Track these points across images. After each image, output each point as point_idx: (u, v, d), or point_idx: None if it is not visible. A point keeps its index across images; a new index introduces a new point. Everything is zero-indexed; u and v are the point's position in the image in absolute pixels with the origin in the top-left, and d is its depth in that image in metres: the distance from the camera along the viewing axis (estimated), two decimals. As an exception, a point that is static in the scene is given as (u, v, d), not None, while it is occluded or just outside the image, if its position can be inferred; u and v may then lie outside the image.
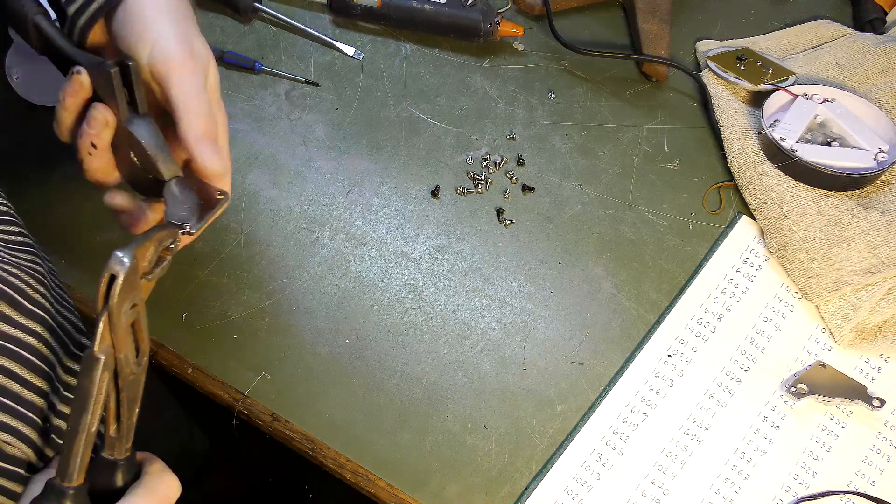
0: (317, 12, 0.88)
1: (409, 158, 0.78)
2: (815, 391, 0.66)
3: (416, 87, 0.83)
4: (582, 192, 0.77)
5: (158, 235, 0.43)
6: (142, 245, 0.42)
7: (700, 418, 0.66)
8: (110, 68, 0.46)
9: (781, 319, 0.71)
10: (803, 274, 0.71)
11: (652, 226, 0.75)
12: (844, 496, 0.63)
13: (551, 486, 0.62)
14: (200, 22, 0.85)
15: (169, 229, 0.45)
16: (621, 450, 0.64)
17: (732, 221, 0.76)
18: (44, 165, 0.76)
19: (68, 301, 0.55)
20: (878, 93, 0.80)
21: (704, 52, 0.85)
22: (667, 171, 0.79)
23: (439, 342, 0.68)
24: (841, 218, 0.72)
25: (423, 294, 0.70)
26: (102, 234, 0.72)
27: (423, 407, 0.65)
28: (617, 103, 0.83)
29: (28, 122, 0.79)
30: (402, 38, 0.87)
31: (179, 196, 0.48)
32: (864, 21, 0.89)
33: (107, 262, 0.40)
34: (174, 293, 0.69)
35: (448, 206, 0.75)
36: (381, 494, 0.62)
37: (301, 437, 0.64)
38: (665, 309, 0.70)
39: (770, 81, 0.80)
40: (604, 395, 0.66)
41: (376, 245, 0.73)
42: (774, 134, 0.75)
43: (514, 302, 0.70)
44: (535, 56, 0.86)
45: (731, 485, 0.63)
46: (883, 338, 0.69)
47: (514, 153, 0.79)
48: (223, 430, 0.67)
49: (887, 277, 0.69)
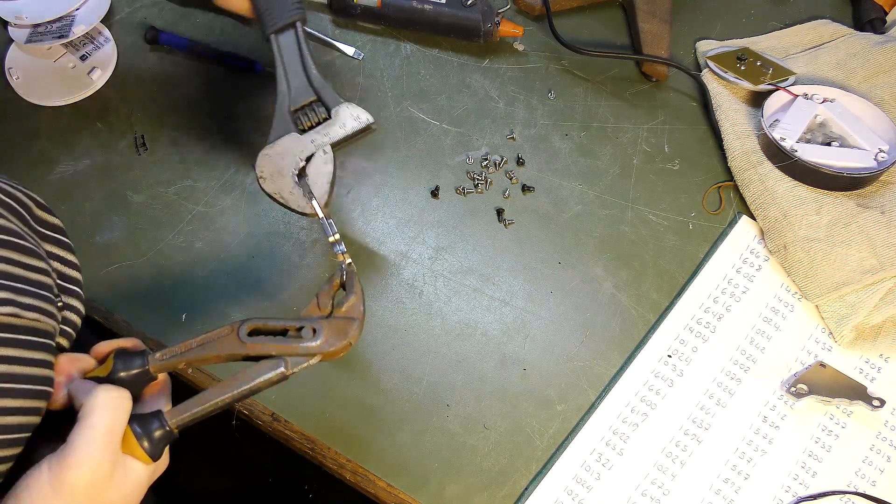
0: (317, 12, 0.88)
1: (409, 158, 0.78)
2: (815, 391, 0.66)
3: (416, 87, 0.83)
4: (582, 192, 0.77)
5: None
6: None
7: (700, 418, 0.66)
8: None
9: (781, 319, 0.71)
10: (803, 274, 0.71)
11: (652, 226, 0.75)
12: (844, 496, 0.63)
13: (551, 486, 0.62)
14: (201, 22, 0.86)
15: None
16: (621, 450, 0.64)
17: (732, 221, 0.76)
18: (44, 165, 0.76)
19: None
20: (878, 93, 0.80)
21: (704, 52, 0.85)
22: (667, 171, 0.79)
23: (439, 342, 0.68)
24: (841, 218, 0.72)
25: (423, 294, 0.70)
26: (102, 234, 0.72)
27: (423, 407, 0.65)
28: (617, 103, 0.83)
29: (28, 122, 0.79)
30: (402, 38, 0.87)
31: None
32: (864, 21, 0.89)
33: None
34: (174, 293, 0.69)
35: (448, 206, 0.75)
36: (381, 494, 0.62)
37: (301, 437, 0.64)
38: (665, 309, 0.70)
39: (770, 81, 0.80)
40: (604, 395, 0.66)
41: (376, 245, 0.73)
42: (774, 134, 0.75)
43: (514, 302, 0.70)
44: (535, 56, 0.86)
45: (731, 485, 0.63)
46: (883, 338, 0.69)
47: (514, 153, 0.79)
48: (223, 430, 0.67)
49: (887, 277, 0.69)
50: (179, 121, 0.79)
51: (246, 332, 0.49)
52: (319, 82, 0.65)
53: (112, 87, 0.81)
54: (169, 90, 0.81)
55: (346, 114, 0.63)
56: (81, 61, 0.82)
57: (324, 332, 0.49)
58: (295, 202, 0.63)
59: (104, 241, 0.72)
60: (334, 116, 0.63)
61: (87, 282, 0.69)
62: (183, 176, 0.76)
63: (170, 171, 0.76)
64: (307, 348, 0.49)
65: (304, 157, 0.63)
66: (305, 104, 0.64)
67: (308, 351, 0.48)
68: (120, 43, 0.84)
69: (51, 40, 0.77)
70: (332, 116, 0.63)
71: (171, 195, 0.75)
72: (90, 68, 0.81)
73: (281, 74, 0.65)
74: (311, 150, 0.63)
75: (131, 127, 0.79)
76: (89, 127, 0.79)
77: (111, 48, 0.83)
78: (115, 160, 0.77)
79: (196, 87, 0.82)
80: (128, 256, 0.71)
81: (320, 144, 0.63)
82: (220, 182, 0.76)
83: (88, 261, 0.71)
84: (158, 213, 0.74)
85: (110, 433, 0.44)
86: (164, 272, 0.71)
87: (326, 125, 0.63)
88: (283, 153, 0.63)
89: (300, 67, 0.65)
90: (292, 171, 0.62)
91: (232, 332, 0.49)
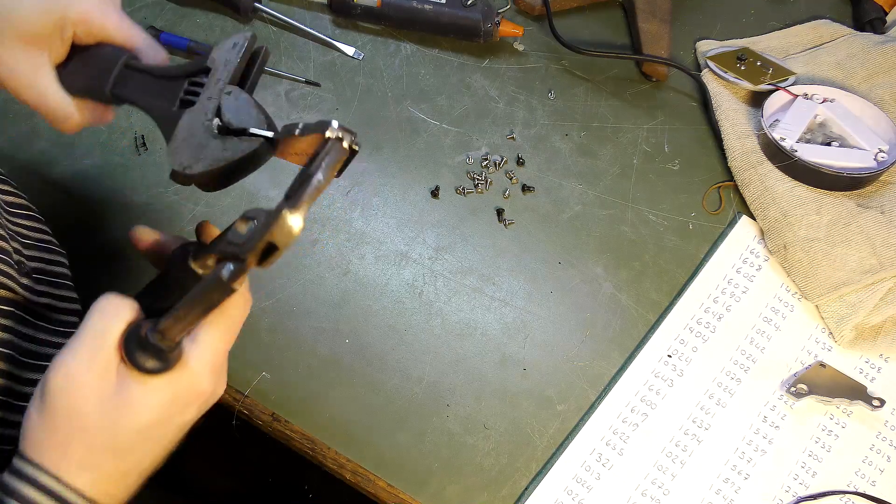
0: (317, 12, 0.88)
1: (409, 158, 0.78)
2: (815, 391, 0.66)
3: (416, 87, 0.83)
4: (582, 192, 0.77)
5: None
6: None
7: (700, 418, 0.66)
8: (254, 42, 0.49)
9: (781, 319, 0.71)
10: (803, 274, 0.71)
11: (652, 226, 0.75)
12: (844, 496, 0.63)
13: (551, 486, 0.62)
14: (201, 22, 0.86)
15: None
16: (621, 450, 0.64)
17: (732, 221, 0.76)
18: (44, 165, 0.76)
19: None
20: (878, 93, 0.80)
21: (704, 52, 0.85)
22: (667, 171, 0.79)
23: (439, 342, 0.68)
24: (841, 218, 0.72)
25: (423, 294, 0.70)
26: (103, 233, 0.72)
27: (423, 407, 0.65)
28: (617, 103, 0.83)
29: (28, 122, 0.79)
30: (402, 38, 0.87)
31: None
32: (864, 21, 0.89)
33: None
34: (174, 293, 0.69)
35: (448, 206, 0.75)
36: (381, 494, 0.62)
37: (301, 437, 0.64)
38: (665, 309, 0.70)
39: (770, 81, 0.80)
40: (604, 395, 0.66)
41: (376, 245, 0.73)
42: (774, 134, 0.75)
43: (514, 302, 0.70)
44: (535, 56, 0.86)
45: (731, 485, 0.63)
46: (883, 338, 0.69)
47: (514, 153, 0.79)
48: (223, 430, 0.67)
49: (887, 277, 0.69)
50: (179, 121, 0.79)
51: (192, 252, 0.44)
52: (184, 64, 0.52)
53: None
54: (169, 90, 0.81)
55: (220, 52, 0.51)
56: (81, 61, 0.81)
57: (250, 224, 0.40)
58: (235, 152, 0.49)
59: (104, 241, 0.72)
60: (212, 65, 0.51)
61: (88, 282, 0.70)
62: (183, 176, 0.76)
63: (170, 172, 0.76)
64: (236, 250, 0.39)
65: (213, 114, 0.49)
66: (185, 87, 0.52)
67: (238, 251, 0.39)
68: (120, 43, 0.84)
69: (50, 40, 0.76)
70: (210, 66, 0.51)
71: (171, 195, 0.75)
72: (90, 68, 0.81)
73: (148, 105, 0.52)
74: (215, 103, 0.50)
75: (131, 127, 0.79)
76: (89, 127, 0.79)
77: (111, 48, 0.83)
78: (115, 160, 0.77)
79: (196, 87, 0.82)
80: (128, 257, 0.71)
81: (218, 92, 0.50)
82: (220, 182, 0.76)
83: (88, 261, 0.71)
84: (158, 213, 0.74)
85: (92, 336, 0.40)
86: (164, 272, 0.70)
87: (211, 75, 0.51)
88: (190, 132, 0.50)
89: (159, 79, 0.52)
90: (212, 133, 0.49)
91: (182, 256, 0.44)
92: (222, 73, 0.50)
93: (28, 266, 0.48)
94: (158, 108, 0.51)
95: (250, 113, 0.49)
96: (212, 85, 0.50)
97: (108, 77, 0.51)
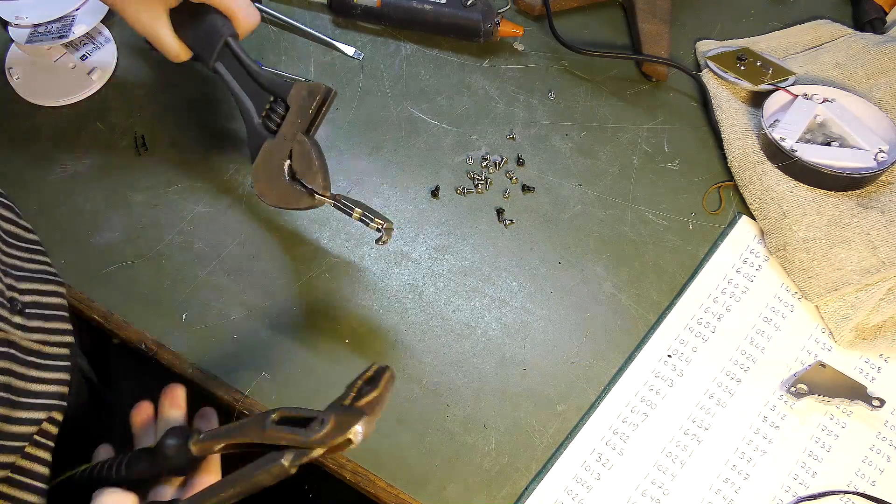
0: (317, 12, 0.88)
1: (409, 158, 0.78)
2: (815, 391, 0.66)
3: (416, 87, 0.83)
4: (582, 192, 0.77)
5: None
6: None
7: (700, 418, 0.66)
8: (326, 92, 0.64)
9: (781, 319, 0.71)
10: (803, 274, 0.71)
11: (652, 226, 0.75)
12: (844, 496, 0.63)
13: (551, 486, 0.62)
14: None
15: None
16: (621, 450, 0.64)
17: (732, 221, 0.76)
18: (44, 165, 0.76)
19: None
20: (878, 93, 0.80)
21: (704, 52, 0.85)
22: (667, 171, 0.79)
23: (439, 342, 0.68)
24: (841, 218, 0.72)
25: (423, 294, 0.70)
26: (102, 234, 0.72)
27: (423, 407, 0.65)
28: (617, 103, 0.83)
29: (28, 122, 0.79)
30: (402, 38, 0.87)
31: None
32: (864, 21, 0.89)
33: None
34: (174, 293, 0.69)
35: (448, 206, 0.76)
36: (381, 494, 0.62)
37: (301, 437, 0.64)
38: (665, 309, 0.71)
39: (770, 81, 0.80)
40: (604, 395, 0.66)
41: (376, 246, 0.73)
42: (774, 134, 0.75)
43: (514, 302, 0.70)
44: (535, 56, 0.86)
45: (731, 485, 0.63)
46: (883, 338, 0.69)
47: (514, 153, 0.79)
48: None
49: (887, 277, 0.69)
50: (179, 121, 0.79)
51: (272, 420, 0.46)
52: (268, 80, 0.66)
53: (112, 87, 0.81)
54: (169, 90, 0.82)
55: (298, 96, 0.65)
56: (81, 61, 0.82)
57: (329, 425, 0.44)
58: (297, 202, 0.65)
59: (104, 241, 0.72)
60: (291, 104, 0.65)
61: (88, 282, 0.70)
62: (183, 176, 0.76)
63: (170, 171, 0.76)
64: (306, 441, 0.44)
65: (286, 156, 0.65)
66: (267, 108, 0.66)
67: (307, 443, 0.44)
68: (120, 43, 0.84)
69: (51, 40, 0.77)
70: (290, 105, 0.65)
71: (171, 195, 0.75)
72: (90, 68, 0.81)
73: (238, 92, 0.67)
74: (289, 146, 0.65)
75: (131, 127, 0.79)
76: (89, 127, 0.79)
77: (111, 48, 0.83)
78: (115, 160, 0.77)
79: (196, 87, 0.82)
80: (128, 256, 0.71)
81: (292, 136, 0.64)
82: (220, 182, 0.76)
83: (88, 261, 0.71)
84: (158, 213, 0.74)
85: None
86: (164, 272, 0.71)
87: (289, 115, 0.65)
88: (268, 163, 0.65)
89: (248, 77, 0.67)
90: (284, 175, 0.64)
91: (260, 420, 0.46)
92: (297, 118, 0.64)
93: (20, 302, 0.48)
94: (247, 111, 0.67)
95: (311, 168, 0.64)
96: (288, 125, 0.65)
97: (211, 51, 0.67)
